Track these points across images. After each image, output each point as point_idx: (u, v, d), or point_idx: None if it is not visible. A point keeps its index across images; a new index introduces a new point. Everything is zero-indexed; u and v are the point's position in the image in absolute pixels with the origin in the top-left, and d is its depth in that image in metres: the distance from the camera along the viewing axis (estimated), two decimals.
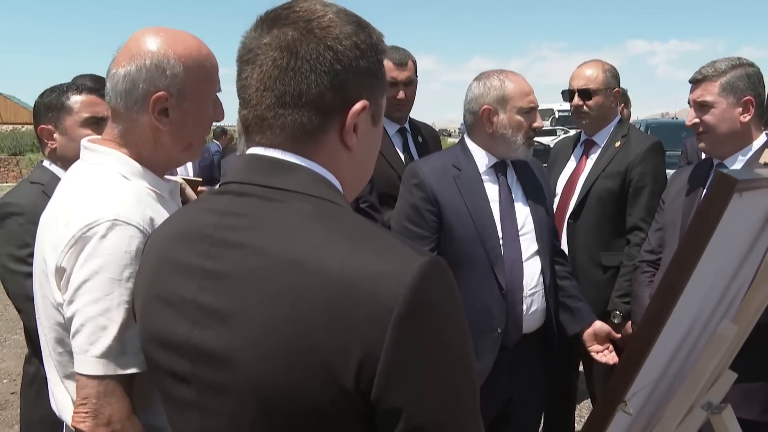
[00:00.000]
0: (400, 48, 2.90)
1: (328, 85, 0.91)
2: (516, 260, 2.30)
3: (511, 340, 2.32)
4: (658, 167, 3.05)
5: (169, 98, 1.33)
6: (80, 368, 1.22)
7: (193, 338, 0.91)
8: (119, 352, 1.22)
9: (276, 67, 0.91)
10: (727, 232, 1.12)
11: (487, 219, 2.29)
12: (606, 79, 3.12)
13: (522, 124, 2.31)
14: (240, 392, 0.86)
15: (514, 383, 2.39)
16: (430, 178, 2.31)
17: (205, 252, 0.92)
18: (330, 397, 0.81)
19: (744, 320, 1.48)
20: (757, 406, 2.11)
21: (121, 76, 1.33)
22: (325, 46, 0.91)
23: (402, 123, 3.02)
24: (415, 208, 2.32)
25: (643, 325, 1.01)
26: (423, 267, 0.80)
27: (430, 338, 0.81)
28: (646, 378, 1.16)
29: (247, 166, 0.96)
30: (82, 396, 1.22)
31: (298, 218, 0.88)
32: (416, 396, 0.80)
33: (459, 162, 2.36)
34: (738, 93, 2.18)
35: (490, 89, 2.33)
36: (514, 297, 2.29)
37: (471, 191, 2.31)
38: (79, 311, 1.23)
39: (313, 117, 0.92)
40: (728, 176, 0.93)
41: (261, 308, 0.84)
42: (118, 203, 1.27)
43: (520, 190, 2.41)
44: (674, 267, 0.98)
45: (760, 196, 1.29)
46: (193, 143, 1.43)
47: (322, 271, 0.81)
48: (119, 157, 1.37)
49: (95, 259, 1.22)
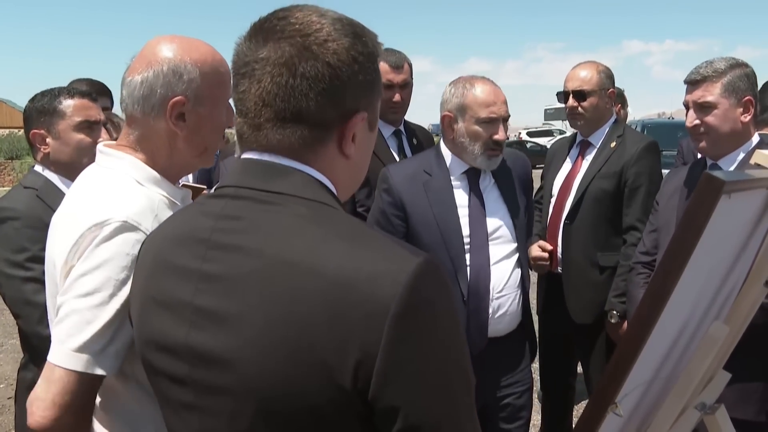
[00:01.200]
0: (396, 50, 2.90)
1: (327, 101, 0.92)
2: (483, 266, 2.29)
3: (475, 345, 2.30)
4: (654, 167, 3.05)
5: (186, 103, 1.35)
6: (53, 358, 1.21)
7: (190, 340, 0.91)
8: (96, 350, 1.21)
9: (275, 84, 0.91)
10: (716, 233, 1.13)
11: (452, 226, 2.29)
12: (600, 80, 3.13)
13: (480, 134, 2.28)
14: (238, 393, 0.87)
15: (487, 388, 2.37)
16: (399, 185, 2.33)
17: (201, 255, 0.93)
18: (328, 396, 0.82)
19: (736, 321, 1.48)
20: (753, 407, 2.11)
21: (138, 83, 1.35)
22: (323, 63, 0.91)
23: (397, 125, 3.03)
24: (383, 214, 2.34)
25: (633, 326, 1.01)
26: (418, 266, 0.81)
27: (426, 337, 0.82)
28: (638, 379, 1.16)
29: (243, 170, 0.96)
30: (45, 383, 1.21)
31: (293, 221, 0.89)
32: (413, 394, 0.81)
33: (431, 167, 2.37)
34: (739, 93, 2.18)
35: (453, 96, 2.33)
36: (478, 303, 2.28)
37: (439, 198, 2.31)
38: (67, 302, 1.23)
39: (312, 131, 0.93)
40: (715, 178, 0.93)
41: (258, 309, 0.85)
42: (130, 206, 1.28)
43: (496, 193, 2.39)
44: (663, 269, 0.98)
45: (750, 197, 1.29)
46: (208, 148, 1.45)
47: (318, 272, 0.82)
48: (134, 162, 1.38)
49: (97, 256, 1.23)
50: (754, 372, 2.09)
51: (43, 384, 1.21)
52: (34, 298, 2.03)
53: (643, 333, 0.99)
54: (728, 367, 1.72)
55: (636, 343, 1.00)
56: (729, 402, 2.04)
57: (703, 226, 0.94)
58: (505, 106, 2.30)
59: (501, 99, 2.30)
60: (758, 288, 1.48)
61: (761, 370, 2.11)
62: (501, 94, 2.31)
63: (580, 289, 3.05)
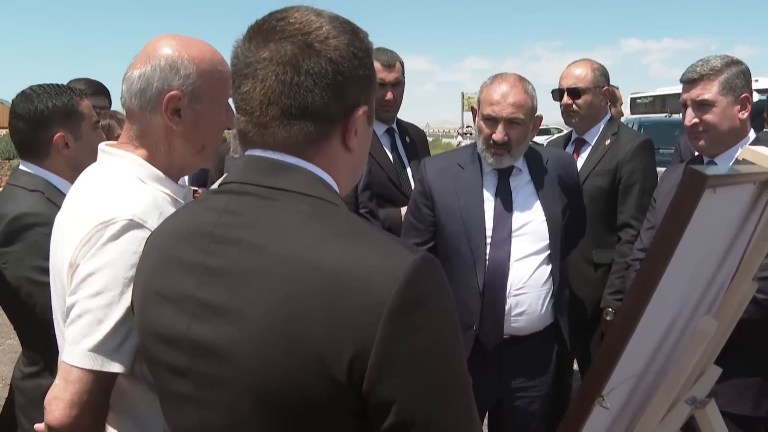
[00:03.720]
0: (387, 49, 2.92)
1: (331, 96, 0.94)
2: (502, 260, 2.28)
3: (489, 340, 2.30)
4: (648, 164, 3.07)
5: (182, 98, 1.36)
6: (68, 358, 1.23)
7: (191, 332, 0.93)
8: (109, 349, 1.23)
9: (280, 82, 0.93)
10: (702, 227, 1.13)
11: (476, 218, 2.30)
12: (595, 78, 3.14)
13: (483, 130, 2.31)
14: (237, 385, 0.88)
15: (504, 386, 2.36)
16: (431, 175, 2.41)
17: (205, 249, 0.95)
18: (324, 390, 0.83)
19: (726, 316, 1.49)
20: (749, 402, 2.12)
21: (137, 77, 1.37)
22: (326, 59, 0.94)
23: (390, 123, 3.05)
24: (414, 202, 2.43)
25: (618, 320, 1.02)
26: (414, 263, 0.83)
27: (421, 333, 0.83)
28: (626, 373, 1.17)
29: (246, 166, 0.99)
30: (62, 383, 1.23)
31: (294, 217, 0.91)
32: (407, 389, 0.83)
33: (465, 161, 2.41)
34: (737, 90, 2.18)
35: (480, 90, 2.37)
36: (494, 298, 2.27)
37: (466, 189, 2.34)
38: (78, 302, 1.25)
39: (318, 126, 0.95)
40: (699, 173, 0.94)
41: (258, 303, 0.86)
42: (136, 204, 1.29)
43: (530, 190, 2.37)
44: (648, 263, 0.99)
45: (738, 192, 1.30)
46: (206, 146, 1.45)
47: (317, 267, 0.84)
48: (136, 160, 1.39)
49: (104, 254, 1.24)
50: (750, 367, 2.10)
51: (61, 383, 1.23)
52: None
53: (629, 326, 1.00)
54: (724, 363, 1.72)
55: (622, 337, 1.01)
56: (726, 398, 2.05)
57: (687, 220, 0.95)
58: (512, 108, 2.23)
59: (508, 100, 2.23)
60: (747, 283, 1.49)
61: (757, 365, 2.12)
62: (511, 96, 2.23)
63: (575, 286, 3.07)
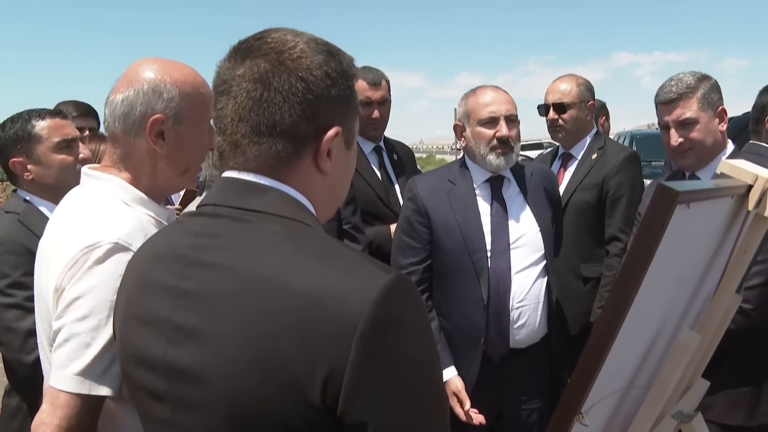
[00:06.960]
0: (372, 68, 2.94)
1: (301, 114, 0.94)
2: (504, 272, 2.31)
3: (497, 352, 2.32)
4: (635, 177, 3.08)
5: (165, 121, 1.38)
6: (56, 383, 1.23)
7: (168, 356, 0.93)
8: (97, 372, 1.23)
9: (250, 98, 0.94)
10: (680, 242, 1.14)
11: (475, 231, 2.33)
12: (580, 93, 3.17)
13: (483, 134, 2.34)
14: (213, 409, 0.88)
15: (505, 398, 2.38)
16: (423, 192, 2.41)
17: (179, 272, 0.95)
18: (299, 413, 0.83)
19: (709, 329, 1.49)
20: (742, 412, 2.13)
21: (120, 101, 1.38)
22: (297, 77, 0.94)
23: (377, 141, 3.07)
24: (408, 221, 2.42)
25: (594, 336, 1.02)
26: (387, 284, 0.83)
27: (394, 353, 0.83)
28: (606, 389, 1.17)
29: (221, 188, 0.99)
30: (50, 408, 1.22)
31: (267, 238, 0.90)
32: (381, 410, 0.82)
33: (455, 177, 2.43)
34: (714, 104, 2.21)
35: (460, 106, 2.42)
36: (499, 309, 2.30)
37: (461, 204, 2.36)
38: (65, 326, 1.24)
39: (287, 145, 0.95)
40: (669, 189, 0.95)
41: (231, 326, 0.86)
42: (120, 227, 1.30)
43: (521, 201, 2.42)
44: (622, 279, 0.99)
45: (716, 206, 1.31)
46: (190, 168, 1.47)
47: (290, 289, 0.84)
48: (120, 183, 1.40)
49: (90, 278, 1.24)
50: (741, 378, 2.11)
51: (48, 409, 1.22)
52: (16, 325, 2.02)
53: (605, 342, 1.00)
54: (715, 374, 1.72)
55: (597, 353, 1.01)
56: (719, 409, 2.05)
57: (658, 236, 0.95)
58: (507, 105, 2.35)
59: (502, 99, 2.35)
60: (730, 295, 1.49)
61: (748, 375, 2.12)
62: (503, 95, 2.36)
63: (564, 300, 3.06)
